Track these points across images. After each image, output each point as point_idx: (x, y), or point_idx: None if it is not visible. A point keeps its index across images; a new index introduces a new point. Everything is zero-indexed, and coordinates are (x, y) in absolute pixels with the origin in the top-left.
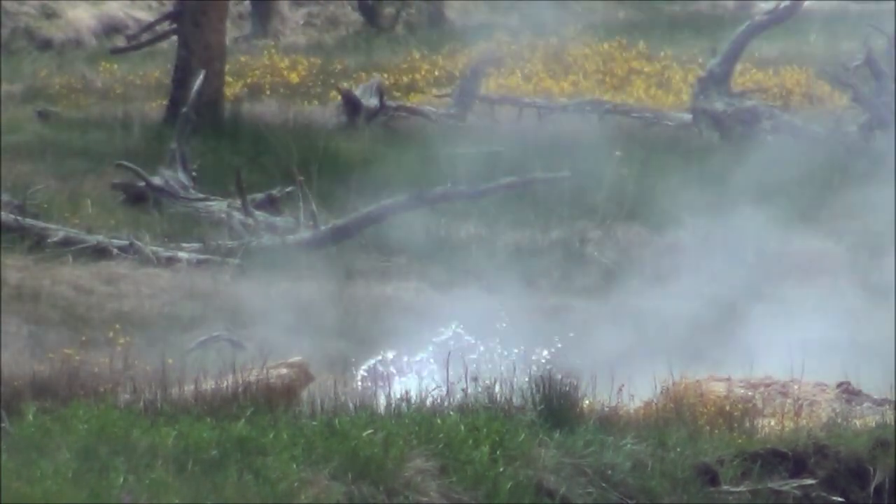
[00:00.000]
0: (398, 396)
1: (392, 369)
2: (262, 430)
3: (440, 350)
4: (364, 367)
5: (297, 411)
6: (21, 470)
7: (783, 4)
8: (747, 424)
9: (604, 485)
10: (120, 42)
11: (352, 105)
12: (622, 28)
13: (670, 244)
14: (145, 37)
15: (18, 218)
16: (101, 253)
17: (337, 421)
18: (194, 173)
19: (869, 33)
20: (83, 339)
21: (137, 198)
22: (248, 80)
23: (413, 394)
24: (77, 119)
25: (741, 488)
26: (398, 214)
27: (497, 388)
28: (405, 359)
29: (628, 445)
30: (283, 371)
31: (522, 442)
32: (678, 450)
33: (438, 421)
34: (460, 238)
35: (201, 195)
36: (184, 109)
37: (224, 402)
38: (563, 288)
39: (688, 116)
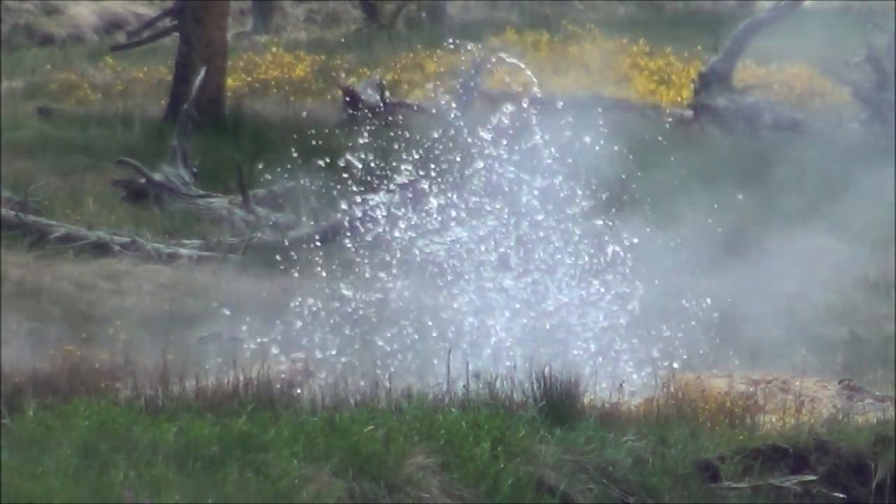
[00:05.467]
0: (399, 392)
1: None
2: (263, 426)
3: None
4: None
5: (297, 408)
6: (21, 467)
7: (784, 2)
8: (748, 421)
9: (605, 481)
10: (121, 38)
11: (353, 101)
12: (624, 25)
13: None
14: (146, 33)
15: (19, 215)
16: (102, 249)
17: (338, 417)
18: (195, 170)
19: (870, 30)
20: (84, 335)
21: (139, 194)
22: (251, 78)
23: (414, 390)
24: (78, 116)
25: (742, 484)
26: None
27: (498, 385)
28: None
29: (629, 442)
30: (284, 367)
31: (523, 438)
32: (679, 446)
33: (439, 417)
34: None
35: (202, 191)
36: (185, 106)
37: (225, 399)
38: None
39: (689, 112)
